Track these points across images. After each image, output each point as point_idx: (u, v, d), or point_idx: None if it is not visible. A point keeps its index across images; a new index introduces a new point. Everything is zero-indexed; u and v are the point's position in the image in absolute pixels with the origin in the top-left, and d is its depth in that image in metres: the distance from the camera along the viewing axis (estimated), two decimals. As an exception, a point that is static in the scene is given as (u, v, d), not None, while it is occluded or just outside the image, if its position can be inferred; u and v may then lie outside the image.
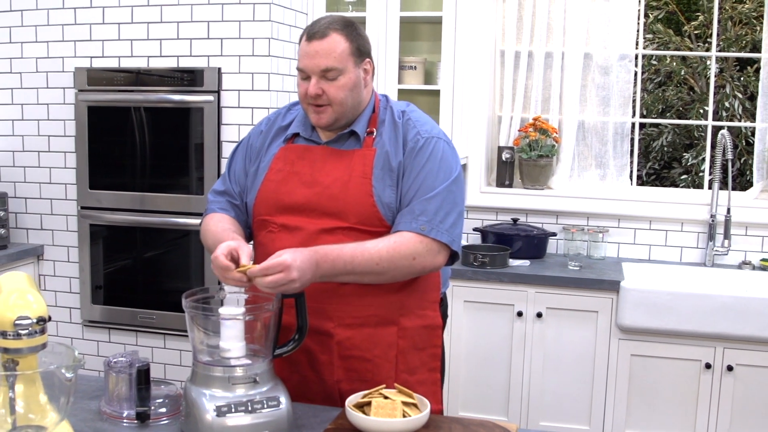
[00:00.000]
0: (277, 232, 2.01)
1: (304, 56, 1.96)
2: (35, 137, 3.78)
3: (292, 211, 2.00)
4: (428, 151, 1.99)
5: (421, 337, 2.06)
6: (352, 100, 1.99)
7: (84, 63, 3.66)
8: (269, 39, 3.43)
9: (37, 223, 3.84)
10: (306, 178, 2.01)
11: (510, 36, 3.97)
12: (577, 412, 3.49)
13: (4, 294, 1.62)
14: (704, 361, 3.31)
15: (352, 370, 1.99)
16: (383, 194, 1.96)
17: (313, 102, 1.97)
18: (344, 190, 1.96)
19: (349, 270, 1.86)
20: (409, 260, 1.91)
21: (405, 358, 2.03)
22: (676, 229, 3.84)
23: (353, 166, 1.98)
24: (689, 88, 6.67)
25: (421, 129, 2.02)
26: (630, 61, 3.90)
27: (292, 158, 2.05)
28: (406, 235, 1.92)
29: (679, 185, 6.41)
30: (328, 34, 1.93)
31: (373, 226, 1.96)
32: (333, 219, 1.96)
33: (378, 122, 2.05)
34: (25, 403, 1.63)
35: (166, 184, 3.62)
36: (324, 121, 1.99)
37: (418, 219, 1.93)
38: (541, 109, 4.01)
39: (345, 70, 1.95)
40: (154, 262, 3.73)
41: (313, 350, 1.99)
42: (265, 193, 2.05)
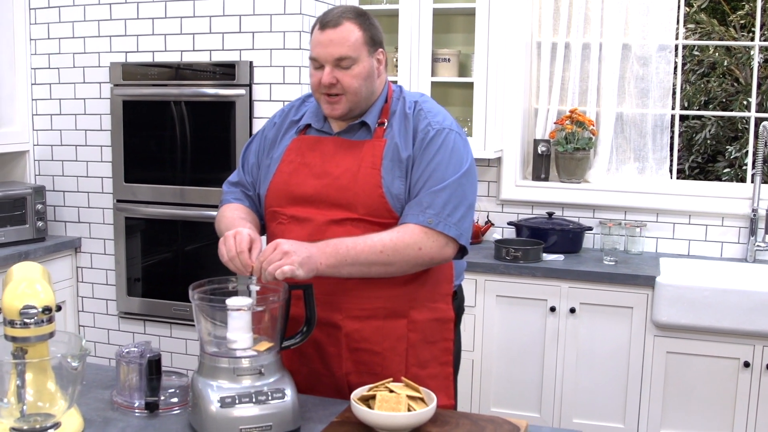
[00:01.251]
0: (287, 223, 2.00)
1: (317, 45, 1.93)
2: (72, 131, 3.84)
3: (302, 202, 1.99)
4: (439, 142, 1.96)
5: (432, 331, 2.03)
6: (366, 90, 1.97)
7: (119, 58, 3.71)
8: (300, 32, 3.43)
9: (74, 216, 3.90)
10: (316, 170, 2.00)
11: (546, 27, 3.91)
12: (612, 409, 3.42)
13: (13, 283, 1.65)
14: (743, 360, 3.22)
15: (361, 363, 1.98)
16: (392, 185, 1.94)
17: (327, 91, 1.94)
18: (353, 181, 1.94)
19: (353, 256, 1.83)
20: (415, 250, 1.89)
21: (415, 352, 2.00)
22: (716, 223, 3.73)
23: (363, 157, 1.97)
24: (734, 79, 6.48)
25: (432, 120, 1.99)
26: (670, 52, 3.80)
27: (304, 149, 2.04)
28: (411, 226, 1.90)
29: (723, 179, 6.24)
30: (341, 22, 1.91)
31: (382, 217, 1.93)
32: (342, 210, 1.94)
33: (390, 113, 2.02)
34: (35, 391, 1.65)
35: (200, 178, 3.65)
36: (338, 112, 1.97)
37: (426, 212, 1.91)
38: (578, 102, 3.94)
39: (359, 59, 1.93)
40: (188, 255, 3.77)
41: (322, 342, 1.98)
42: (277, 185, 2.04)
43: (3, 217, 3.56)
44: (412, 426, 1.63)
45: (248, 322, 1.72)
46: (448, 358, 2.08)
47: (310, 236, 1.92)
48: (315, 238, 1.91)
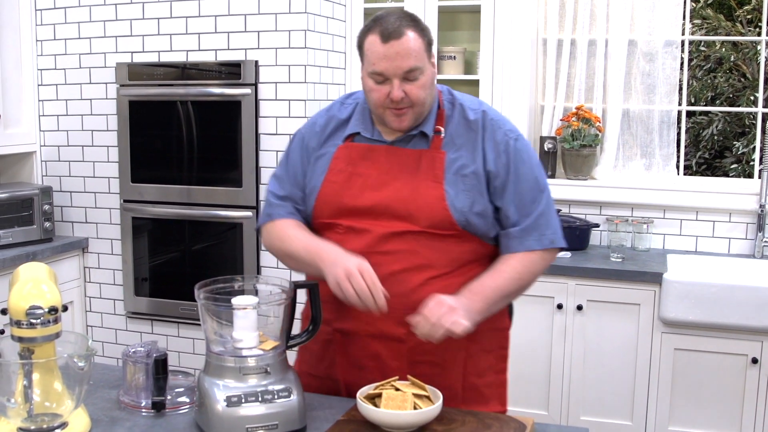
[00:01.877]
0: (343, 233, 1.93)
1: (381, 59, 1.81)
2: (79, 132, 3.85)
3: (358, 214, 1.92)
4: (523, 151, 1.93)
5: (489, 339, 2.01)
6: (430, 99, 1.90)
7: (125, 58, 3.72)
8: (305, 31, 3.43)
9: (81, 217, 3.91)
10: (371, 181, 1.92)
11: (552, 24, 3.90)
12: (619, 406, 3.42)
13: (19, 283, 1.65)
14: (751, 356, 3.20)
15: (421, 375, 1.88)
16: (456, 199, 1.88)
17: (396, 106, 1.84)
18: (415, 194, 1.88)
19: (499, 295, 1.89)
20: (542, 266, 1.96)
21: (474, 361, 1.98)
22: (723, 219, 3.72)
23: (422, 169, 1.90)
24: (741, 74, 6.45)
25: (506, 129, 1.94)
26: (676, 48, 3.79)
27: (354, 158, 1.95)
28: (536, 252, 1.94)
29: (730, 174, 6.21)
30: (403, 32, 1.80)
31: (445, 229, 1.88)
32: (403, 222, 1.89)
33: (445, 119, 1.94)
34: (42, 391, 1.65)
35: (206, 177, 3.65)
36: (406, 124, 1.88)
37: (545, 235, 1.94)
38: (585, 98, 3.93)
39: (424, 68, 1.84)
40: (195, 255, 3.77)
41: (383, 356, 1.92)
42: (327, 196, 1.96)
43: (10, 218, 3.57)
44: (418, 424, 1.63)
45: (254, 321, 1.71)
46: (504, 365, 2.07)
47: (369, 247, 1.88)
48: (373, 249, 1.87)
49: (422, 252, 1.88)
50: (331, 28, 3.68)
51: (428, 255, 1.88)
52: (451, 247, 1.90)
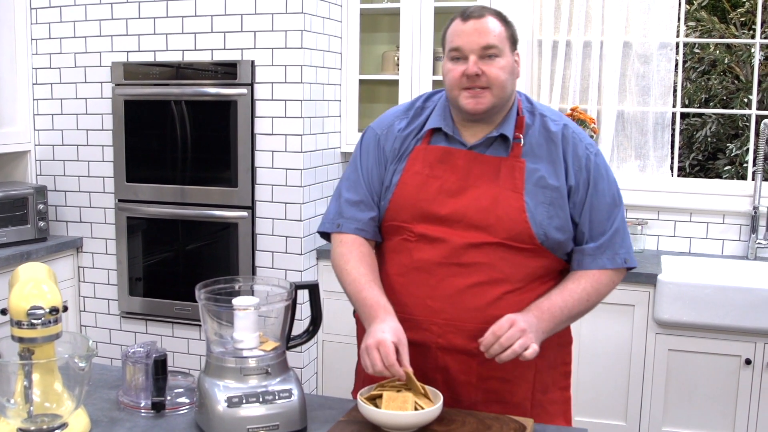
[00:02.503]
0: (414, 241, 1.89)
1: (459, 34, 1.81)
2: (74, 131, 3.84)
3: (433, 220, 1.87)
4: (601, 168, 1.91)
5: (555, 355, 1.98)
6: (510, 88, 1.86)
7: (120, 57, 3.71)
8: (302, 31, 3.43)
9: (76, 216, 3.90)
10: (449, 186, 1.88)
11: (547, 25, 3.91)
12: (613, 407, 3.43)
13: (20, 284, 1.65)
14: (744, 357, 3.22)
15: (491, 392, 1.90)
16: (536, 211, 1.84)
17: (471, 84, 1.80)
18: (494, 204, 1.84)
19: (566, 315, 1.86)
20: (610, 287, 1.96)
21: (541, 377, 1.95)
22: (717, 221, 3.74)
23: (502, 178, 1.86)
24: (734, 76, 6.48)
25: (586, 142, 1.92)
26: (671, 50, 3.80)
27: (431, 161, 1.90)
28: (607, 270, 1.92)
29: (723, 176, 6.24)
30: (485, 14, 1.82)
31: (524, 242, 1.84)
32: (481, 233, 1.84)
33: (525, 127, 1.90)
34: (41, 391, 1.65)
35: (202, 177, 3.65)
36: (483, 106, 1.82)
37: (618, 254, 1.92)
38: (579, 100, 3.94)
39: (504, 52, 1.82)
40: (189, 255, 3.77)
41: (453, 370, 1.89)
42: (402, 198, 1.91)
43: (4, 218, 3.56)
44: (419, 425, 1.64)
45: (254, 322, 1.72)
46: (567, 382, 2.04)
47: (445, 258, 1.85)
48: (450, 261, 1.85)
49: (499, 265, 1.84)
50: (327, 28, 3.68)
51: (504, 269, 1.85)
52: (527, 262, 1.86)
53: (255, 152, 3.56)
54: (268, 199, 3.58)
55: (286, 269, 3.59)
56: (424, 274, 1.85)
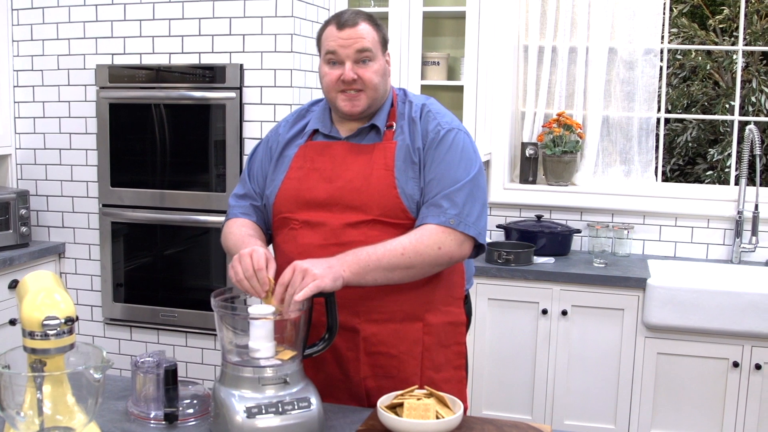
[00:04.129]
0: (299, 228, 1.99)
1: (335, 40, 1.94)
2: (57, 135, 3.77)
3: (314, 207, 1.98)
4: (449, 142, 1.98)
5: (447, 334, 2.05)
6: (382, 88, 2.00)
7: (105, 60, 3.65)
8: (292, 35, 3.41)
9: (58, 221, 3.83)
10: (327, 174, 2.00)
11: (534, 31, 3.93)
12: (603, 411, 3.45)
13: (31, 294, 1.61)
14: (732, 360, 3.26)
15: (378, 366, 1.98)
16: (406, 186, 1.94)
17: (347, 87, 1.95)
18: (367, 183, 1.95)
19: (375, 262, 1.83)
20: (435, 249, 1.89)
21: (430, 355, 2.01)
22: (702, 225, 3.78)
23: (375, 159, 1.97)
24: (714, 82, 6.58)
25: (441, 120, 2.01)
26: (655, 56, 3.84)
27: (312, 155, 2.04)
28: (430, 226, 1.91)
29: (703, 181, 6.32)
30: (358, 22, 1.95)
31: (398, 218, 1.94)
32: (356, 213, 1.94)
33: (397, 115, 2.04)
34: (52, 404, 1.61)
35: (189, 182, 3.60)
36: (358, 108, 1.98)
37: (446, 212, 1.92)
38: (565, 105, 3.96)
39: (376, 56, 1.97)
40: (175, 260, 3.72)
41: (340, 347, 1.97)
42: (286, 191, 2.03)
43: (-14, 223, 3.49)
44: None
45: (271, 331, 1.70)
46: (461, 361, 2.09)
47: (325, 240, 1.93)
48: (330, 242, 1.92)
49: (375, 242, 1.88)
50: (316, 32, 3.65)
51: None
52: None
53: (243, 157, 3.52)
54: (257, 204, 3.54)
55: (275, 275, 3.55)
56: (307, 258, 1.84)
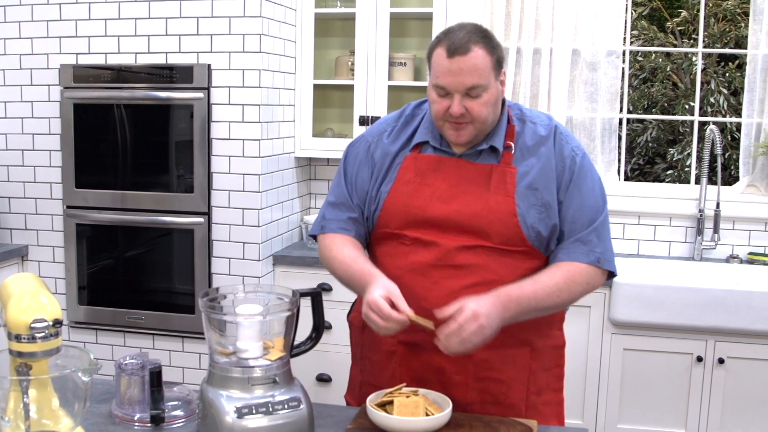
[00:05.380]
0: (410, 245, 1.91)
1: (445, 73, 1.82)
2: (19, 135, 3.71)
3: (426, 225, 1.90)
4: (585, 169, 1.93)
5: (550, 357, 2.02)
6: (494, 116, 1.89)
7: (69, 60, 3.60)
8: (260, 35, 3.40)
9: (21, 223, 3.77)
10: (441, 193, 1.91)
11: (498, 32, 3.96)
12: (571, 407, 3.46)
13: (16, 297, 1.59)
14: (696, 354, 3.34)
15: (486, 392, 1.92)
16: (527, 214, 1.87)
17: (455, 120, 1.85)
18: (486, 208, 1.87)
19: (534, 307, 1.82)
20: (584, 286, 1.90)
21: (536, 379, 1.97)
22: (664, 224, 3.86)
23: (494, 183, 1.89)
24: (673, 84, 6.72)
25: (573, 145, 1.94)
26: (617, 57, 3.91)
27: (423, 169, 1.94)
28: (581, 266, 1.89)
29: (663, 180, 6.45)
30: (470, 48, 1.80)
31: (515, 245, 1.87)
32: (473, 237, 1.87)
33: (515, 135, 1.94)
34: (37, 408, 1.59)
35: (156, 183, 3.57)
36: (464, 139, 1.88)
37: (595, 251, 1.89)
38: (530, 105, 4.01)
39: (488, 86, 1.84)
40: (143, 262, 3.68)
41: (448, 371, 1.91)
42: (394, 206, 1.94)
43: (-53, 225, 3.41)
44: (430, 430, 1.65)
45: (259, 331, 1.69)
46: (560, 384, 2.06)
47: (438, 261, 1.88)
48: (443, 262, 1.87)
49: (492, 267, 1.86)
50: (284, 33, 3.65)
51: (498, 270, 1.87)
52: (520, 263, 1.89)
53: (212, 157, 3.51)
54: (225, 205, 3.53)
55: (244, 275, 3.55)
56: (419, 276, 1.87)
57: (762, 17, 3.72)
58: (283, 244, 3.82)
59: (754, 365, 3.29)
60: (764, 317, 3.22)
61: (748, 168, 3.87)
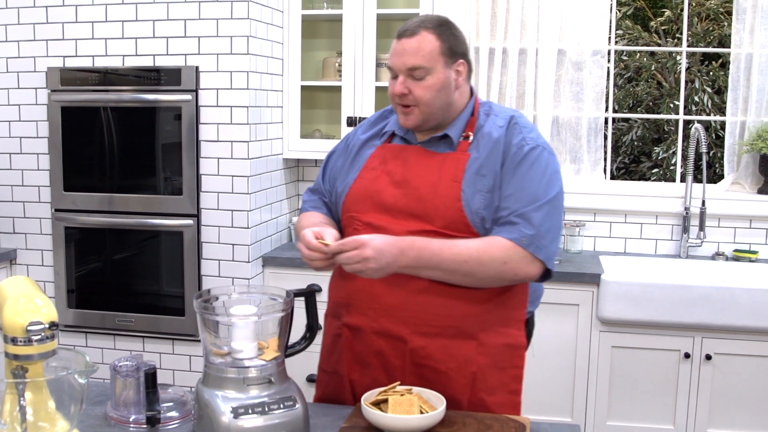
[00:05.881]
0: (361, 229, 1.95)
1: (392, 54, 1.92)
2: (6, 139, 3.70)
3: (380, 209, 1.96)
4: (532, 158, 1.90)
5: (503, 356, 1.97)
6: (441, 102, 1.92)
7: (57, 63, 3.59)
8: (248, 37, 3.40)
9: (9, 227, 3.75)
10: (397, 178, 1.97)
11: (484, 33, 3.99)
12: (560, 404, 3.53)
13: (11, 299, 1.59)
14: (683, 351, 3.37)
15: (424, 379, 1.91)
16: (472, 200, 1.89)
17: (400, 102, 1.93)
18: (433, 193, 1.91)
19: (435, 264, 1.83)
20: (499, 263, 1.85)
21: (484, 377, 1.94)
22: (650, 222, 3.90)
23: (444, 169, 1.93)
24: (657, 83, 6.78)
25: (527, 135, 1.93)
26: (602, 57, 3.94)
27: (387, 157, 2.02)
28: (502, 240, 1.86)
29: (649, 179, 6.51)
30: (418, 32, 1.88)
31: (460, 231, 1.89)
32: (419, 221, 1.91)
33: (476, 127, 1.97)
34: (33, 410, 1.60)
35: (144, 185, 3.57)
36: (411, 123, 1.95)
37: (521, 230, 1.86)
38: (516, 105, 4.03)
39: (433, 70, 1.88)
40: (132, 265, 3.68)
41: (386, 353, 1.94)
42: (357, 190, 2.02)
43: (-65, 230, 3.40)
44: (424, 428, 1.66)
45: (253, 331, 1.71)
46: (518, 386, 2.02)
47: None
48: None
49: None
50: (271, 34, 3.66)
51: None
52: None
53: (200, 159, 3.51)
54: (214, 207, 3.54)
55: (234, 277, 3.55)
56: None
57: (745, 16, 3.76)
58: (273, 246, 3.83)
59: (741, 361, 3.33)
60: (750, 313, 3.26)
61: (732, 166, 3.91)
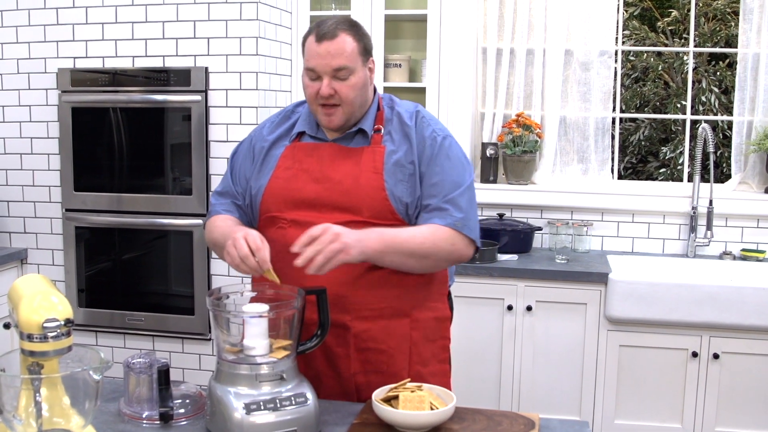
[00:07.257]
0: (287, 227, 2.01)
1: (314, 56, 1.96)
2: (17, 139, 3.73)
3: (302, 206, 2.01)
4: (447, 148, 2.04)
5: (432, 329, 2.11)
6: (361, 99, 2.02)
7: (67, 64, 3.62)
8: (257, 38, 3.43)
9: (20, 227, 3.78)
10: (315, 175, 2.03)
11: (492, 33, 4.01)
12: (568, 403, 3.54)
13: (27, 297, 1.61)
14: (691, 350, 3.38)
15: (368, 362, 2.02)
16: (395, 189, 1.98)
17: (325, 102, 1.98)
18: (356, 185, 1.99)
19: (397, 245, 1.90)
20: (449, 245, 1.98)
21: (418, 350, 2.07)
22: (658, 221, 3.91)
23: (364, 162, 2.01)
24: (665, 83, 6.78)
25: (435, 128, 2.06)
26: (609, 57, 3.96)
27: (300, 156, 2.07)
28: (441, 226, 1.98)
29: (656, 178, 6.51)
30: (337, 34, 1.95)
31: (386, 219, 1.98)
32: (345, 213, 1.98)
33: (384, 120, 2.07)
34: (49, 406, 1.61)
35: (154, 185, 3.59)
36: (335, 123, 2.02)
37: (452, 215, 1.99)
38: (523, 105, 4.05)
39: (355, 70, 1.98)
40: (142, 264, 3.70)
41: (330, 344, 2.00)
42: (274, 190, 2.05)
43: (-53, 230, 3.43)
44: (435, 424, 1.68)
45: (265, 329, 1.72)
46: (446, 355, 2.17)
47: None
48: None
49: None
50: (280, 35, 3.68)
51: None
52: None
53: (209, 159, 3.53)
54: (224, 207, 3.55)
55: (243, 277, 3.57)
56: (296, 256, 1.87)
57: (752, 16, 3.77)
58: (281, 245, 3.84)
59: (748, 360, 3.34)
60: (757, 312, 3.27)
61: (739, 165, 3.92)
